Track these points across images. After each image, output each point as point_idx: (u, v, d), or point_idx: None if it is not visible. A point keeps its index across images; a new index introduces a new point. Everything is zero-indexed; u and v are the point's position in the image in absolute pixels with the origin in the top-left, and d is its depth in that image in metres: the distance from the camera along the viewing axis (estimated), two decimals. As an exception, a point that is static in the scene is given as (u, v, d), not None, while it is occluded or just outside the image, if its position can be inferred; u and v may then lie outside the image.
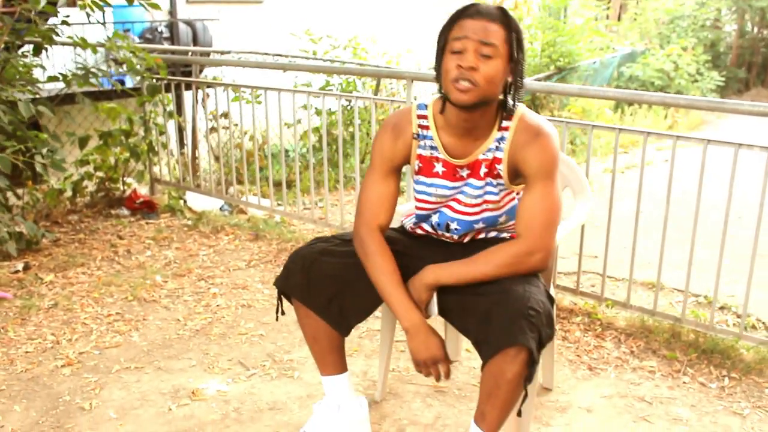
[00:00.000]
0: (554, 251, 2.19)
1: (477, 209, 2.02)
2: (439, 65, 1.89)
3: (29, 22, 3.88)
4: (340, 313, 2.05)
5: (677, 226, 3.01)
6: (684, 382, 2.69)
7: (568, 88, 3.20)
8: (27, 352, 2.84)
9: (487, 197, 2.00)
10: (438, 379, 1.94)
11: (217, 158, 5.02)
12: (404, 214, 2.30)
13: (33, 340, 2.94)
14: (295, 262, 2.05)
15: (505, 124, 1.94)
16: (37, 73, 4.28)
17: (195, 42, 8.43)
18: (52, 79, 4.06)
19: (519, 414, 1.85)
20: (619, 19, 15.99)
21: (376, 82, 7.52)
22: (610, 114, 9.76)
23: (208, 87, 5.10)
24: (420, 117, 2.03)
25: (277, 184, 4.91)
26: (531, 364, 1.75)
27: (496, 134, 1.94)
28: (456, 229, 2.07)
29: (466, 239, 2.10)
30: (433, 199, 2.05)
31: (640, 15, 14.78)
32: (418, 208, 2.10)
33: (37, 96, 4.10)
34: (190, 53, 7.04)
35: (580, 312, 3.23)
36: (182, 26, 8.43)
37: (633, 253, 3.11)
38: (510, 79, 1.89)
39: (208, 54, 7.46)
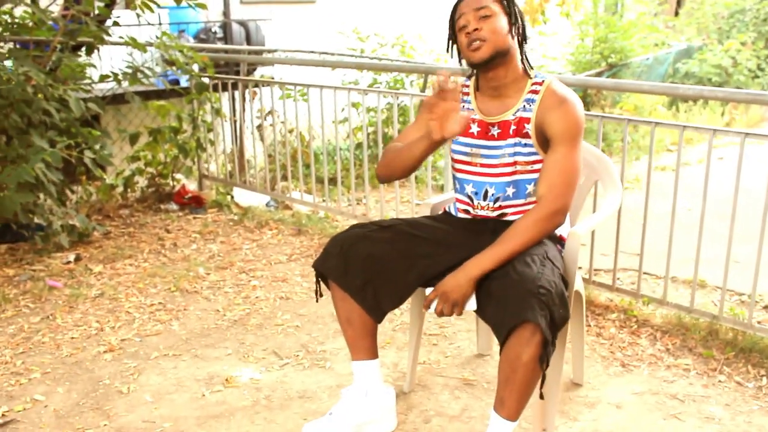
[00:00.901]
0: (578, 240, 2.19)
1: (510, 169, 2.13)
2: (454, 46, 2.20)
3: (81, 23, 4.03)
4: (374, 298, 2.11)
5: (725, 224, 2.95)
6: (719, 381, 2.64)
7: (603, 82, 3.18)
8: (73, 338, 2.97)
9: (518, 158, 2.12)
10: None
11: (269, 156, 5.12)
12: (443, 202, 2.46)
13: (79, 326, 3.07)
14: (334, 245, 2.14)
15: (535, 88, 2.12)
16: (90, 72, 4.44)
17: (248, 41, 8.59)
18: (103, 77, 4.21)
19: (541, 397, 1.86)
20: (676, 14, 15.61)
21: (423, 80, 7.53)
22: (663, 111, 9.54)
23: (255, 86, 5.20)
24: (464, 86, 2.29)
25: (321, 181, 4.98)
26: (545, 345, 1.77)
27: (526, 96, 2.12)
28: (492, 194, 2.17)
29: (497, 212, 2.18)
30: (468, 159, 2.20)
31: (698, 10, 14.39)
32: (455, 170, 2.26)
33: (90, 95, 4.25)
34: (239, 52, 7.17)
35: (616, 309, 3.20)
36: (235, 26, 8.60)
37: (669, 250, 3.07)
38: (515, 32, 2.12)
39: (258, 53, 7.59)
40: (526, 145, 2.11)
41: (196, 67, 4.73)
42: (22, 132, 3.65)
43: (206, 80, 4.81)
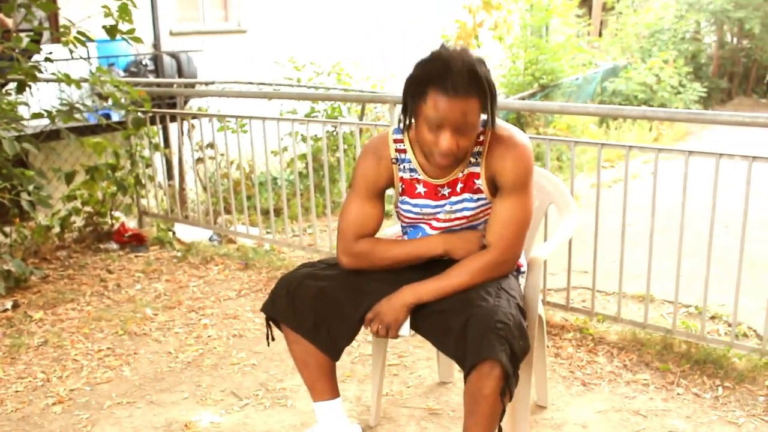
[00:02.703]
0: (540, 266, 2.20)
1: (459, 222, 2.06)
2: (410, 113, 1.91)
3: (12, 60, 3.89)
4: (328, 337, 2.06)
5: (667, 238, 3.03)
6: (678, 394, 2.69)
7: (550, 106, 3.24)
8: (17, 391, 2.81)
9: (465, 212, 2.04)
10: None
11: (204, 189, 5.03)
12: (392, 236, 2.33)
13: (23, 378, 2.91)
14: (281, 287, 2.07)
15: (479, 138, 1.98)
16: (21, 110, 4.28)
17: (180, 73, 8.46)
18: (36, 116, 4.07)
19: (499, 430, 1.84)
20: (600, 35, 16.16)
21: (360, 107, 7.56)
22: (594, 129, 9.82)
23: (194, 118, 5.11)
24: (396, 141, 2.07)
25: (266, 213, 4.91)
26: (506, 378, 1.76)
27: (472, 149, 1.99)
28: None
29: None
30: (416, 216, 2.10)
31: (621, 30, 14.95)
32: (404, 223, 2.16)
33: (22, 133, 4.10)
34: (174, 85, 7.06)
35: (572, 328, 3.23)
36: (166, 58, 8.47)
37: (621, 267, 3.12)
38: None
39: (192, 85, 7.49)
40: (478, 199, 2.02)
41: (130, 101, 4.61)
42: (-48, 176, 3.49)
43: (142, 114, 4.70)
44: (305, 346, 2.07)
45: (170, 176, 5.90)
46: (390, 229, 2.49)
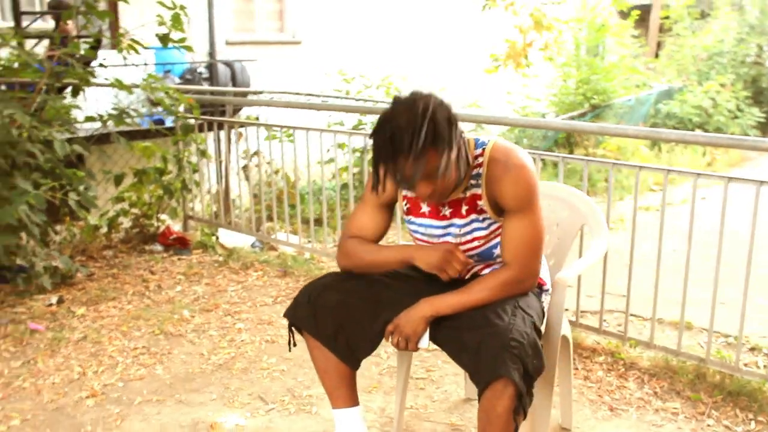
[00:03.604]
0: (564, 287, 2.19)
1: (469, 245, 2.06)
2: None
3: (68, 65, 4.04)
4: (346, 346, 2.09)
5: (710, 265, 2.97)
6: (708, 425, 2.63)
7: (588, 127, 3.23)
8: (54, 383, 2.92)
9: (476, 233, 2.05)
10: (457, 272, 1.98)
11: (254, 195, 5.12)
12: None
13: (61, 371, 3.02)
14: (303, 294, 2.12)
15: (479, 160, 2.00)
16: (75, 113, 4.44)
17: (233, 82, 8.64)
18: (89, 119, 4.21)
19: None
20: (656, 56, 15.91)
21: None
22: (646, 152, 9.67)
23: (240, 126, 5.21)
24: None
25: (307, 222, 4.98)
26: (519, 397, 1.76)
27: (471, 172, 2.00)
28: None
29: (467, 275, 2.12)
30: (425, 237, 2.12)
31: (678, 52, 14.68)
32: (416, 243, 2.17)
33: (75, 135, 4.24)
34: (225, 94, 7.21)
35: (603, 351, 3.19)
36: (221, 67, 8.65)
37: (656, 292, 3.07)
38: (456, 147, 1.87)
39: (244, 94, 7.64)
40: (484, 219, 2.03)
41: (182, 108, 4.74)
42: (6, 174, 3.63)
43: (191, 121, 4.82)
44: (325, 353, 2.11)
45: (218, 182, 6.03)
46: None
